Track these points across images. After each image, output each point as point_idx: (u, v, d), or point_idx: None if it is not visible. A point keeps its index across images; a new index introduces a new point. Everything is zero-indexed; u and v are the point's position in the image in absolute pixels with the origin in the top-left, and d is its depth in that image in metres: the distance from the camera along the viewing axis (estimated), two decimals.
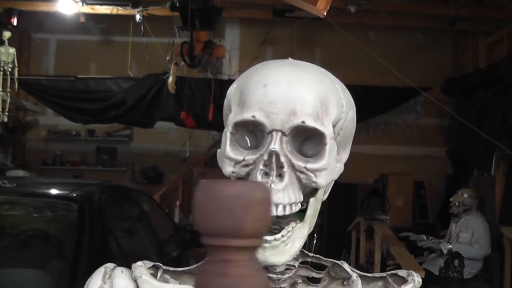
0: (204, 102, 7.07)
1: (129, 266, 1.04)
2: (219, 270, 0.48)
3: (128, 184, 7.30)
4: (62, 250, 2.78)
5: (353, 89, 5.19)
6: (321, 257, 1.05)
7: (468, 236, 5.49)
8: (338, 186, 1.08)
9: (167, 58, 6.31)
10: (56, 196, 3.09)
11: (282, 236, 0.91)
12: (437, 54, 8.04)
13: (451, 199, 5.91)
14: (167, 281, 1.04)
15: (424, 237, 5.77)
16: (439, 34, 8.02)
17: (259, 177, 0.88)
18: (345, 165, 1.01)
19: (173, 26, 6.09)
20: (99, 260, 2.72)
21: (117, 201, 3.63)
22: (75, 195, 3.02)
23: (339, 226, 7.03)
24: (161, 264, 1.06)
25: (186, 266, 1.08)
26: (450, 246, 5.35)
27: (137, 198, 4.22)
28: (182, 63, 6.36)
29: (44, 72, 8.42)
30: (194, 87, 7.07)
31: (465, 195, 5.73)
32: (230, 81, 7.22)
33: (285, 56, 1.03)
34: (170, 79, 6.10)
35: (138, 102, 7.11)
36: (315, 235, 5.59)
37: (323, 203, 1.00)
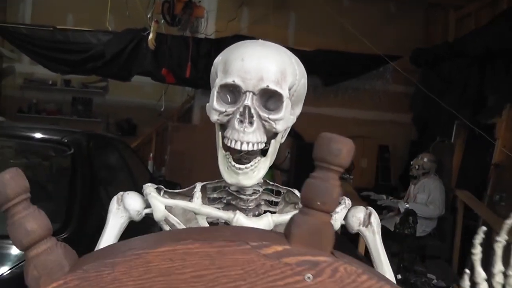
0: (180, 59, 7.30)
1: None
2: (325, 178, 0.77)
3: None
4: (55, 193, 3.00)
5: (325, 54, 5.59)
6: (279, 185, 1.45)
7: (425, 197, 5.97)
8: (306, 145, 1.37)
9: (148, 16, 6.46)
10: (48, 140, 3.30)
11: (251, 165, 1.26)
12: (408, 25, 8.26)
13: (411, 162, 6.33)
14: None
15: (384, 197, 6.22)
16: (411, 5, 8.26)
17: (236, 124, 1.22)
18: (312, 126, 1.33)
19: None
20: (90, 202, 2.98)
21: (101, 148, 3.86)
22: (66, 140, 3.25)
23: None
24: (162, 187, 1.39)
25: None
26: (407, 205, 5.81)
27: (118, 146, 4.44)
28: (162, 21, 6.52)
29: (21, 20, 8.44)
30: (171, 44, 7.25)
31: (425, 159, 6.16)
32: (206, 40, 7.42)
33: (261, 18, 1.30)
34: (151, 36, 6.28)
35: (117, 56, 7.26)
36: None
37: (291, 161, 1.33)
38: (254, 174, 1.27)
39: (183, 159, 7.63)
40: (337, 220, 1.40)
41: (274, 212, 1.39)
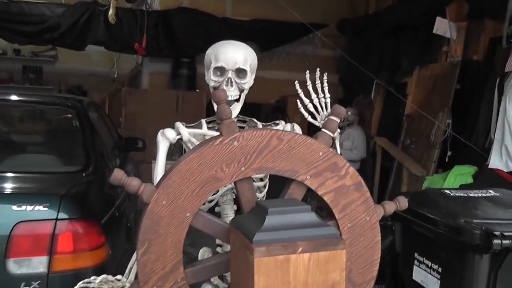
0: (130, 31, 7.96)
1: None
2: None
3: None
4: (73, 142, 3.76)
5: (260, 23, 6.94)
6: (245, 117, 2.38)
7: (349, 144, 6.95)
8: (246, 105, 2.33)
9: None
10: (57, 103, 4.06)
11: (232, 107, 2.18)
12: None
13: None
14: None
15: None
16: None
17: (224, 86, 2.19)
18: (252, 88, 2.31)
19: None
20: (96, 146, 3.75)
21: (89, 108, 4.55)
22: (70, 103, 4.01)
23: None
24: (184, 124, 2.28)
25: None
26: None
27: (96, 106, 5.08)
28: None
29: None
30: (122, 17, 7.81)
31: (349, 113, 6.96)
32: (153, 12, 8.03)
33: None
34: (111, 12, 6.84)
35: (72, 27, 7.74)
36: None
37: None
38: (234, 111, 2.21)
39: (136, 120, 8.14)
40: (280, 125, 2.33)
41: None
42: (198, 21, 8.31)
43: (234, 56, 2.18)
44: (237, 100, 2.23)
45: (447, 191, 2.88)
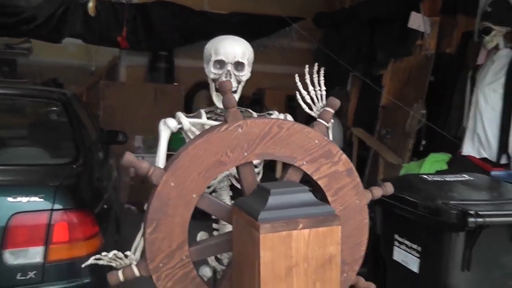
0: (108, 24, 7.98)
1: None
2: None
3: None
4: (62, 134, 3.80)
5: (238, 16, 7.06)
6: (240, 107, 2.36)
7: None
8: None
9: None
10: (43, 97, 4.11)
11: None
12: None
13: None
14: None
15: None
16: None
17: (223, 78, 2.32)
18: None
19: None
20: (85, 138, 3.80)
21: (73, 101, 4.58)
22: (56, 96, 4.06)
23: None
24: (184, 113, 2.39)
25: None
26: None
27: (78, 99, 5.10)
28: None
29: None
30: (100, 9, 7.86)
31: None
32: (132, 5, 8.06)
33: None
34: (91, 4, 6.87)
35: (48, 19, 7.74)
36: None
37: None
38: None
39: (115, 113, 8.18)
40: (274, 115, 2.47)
41: None
42: (176, 14, 8.38)
43: (233, 50, 2.31)
44: (235, 92, 2.36)
45: (425, 176, 3.06)
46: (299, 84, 2.07)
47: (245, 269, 1.66)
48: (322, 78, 2.11)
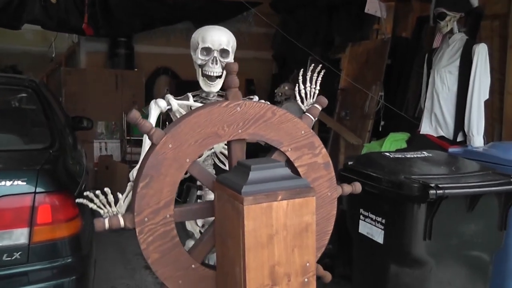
0: (67, 9, 7.92)
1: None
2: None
3: None
4: (35, 121, 3.86)
5: (197, 2, 7.17)
6: (222, 92, 2.65)
7: None
8: (182, 82, 2.61)
9: None
10: (12, 83, 4.14)
11: (216, 83, 2.58)
12: None
13: (275, 90, 7.24)
14: None
15: None
16: None
17: (210, 64, 2.51)
18: (187, 66, 2.65)
19: None
20: (58, 123, 3.88)
21: (42, 87, 4.61)
22: (27, 84, 4.10)
23: None
24: (173, 96, 2.56)
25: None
26: None
27: (45, 85, 5.13)
28: None
29: None
30: None
31: (286, 88, 7.17)
32: None
33: None
34: None
35: (6, 6, 7.58)
36: None
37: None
38: (216, 86, 2.58)
39: (77, 99, 8.23)
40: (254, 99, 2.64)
41: None
42: (135, 0, 8.36)
43: (219, 38, 2.50)
44: (219, 77, 2.54)
45: (387, 153, 3.29)
46: (300, 79, 2.27)
47: (229, 238, 1.83)
48: (319, 78, 2.29)
